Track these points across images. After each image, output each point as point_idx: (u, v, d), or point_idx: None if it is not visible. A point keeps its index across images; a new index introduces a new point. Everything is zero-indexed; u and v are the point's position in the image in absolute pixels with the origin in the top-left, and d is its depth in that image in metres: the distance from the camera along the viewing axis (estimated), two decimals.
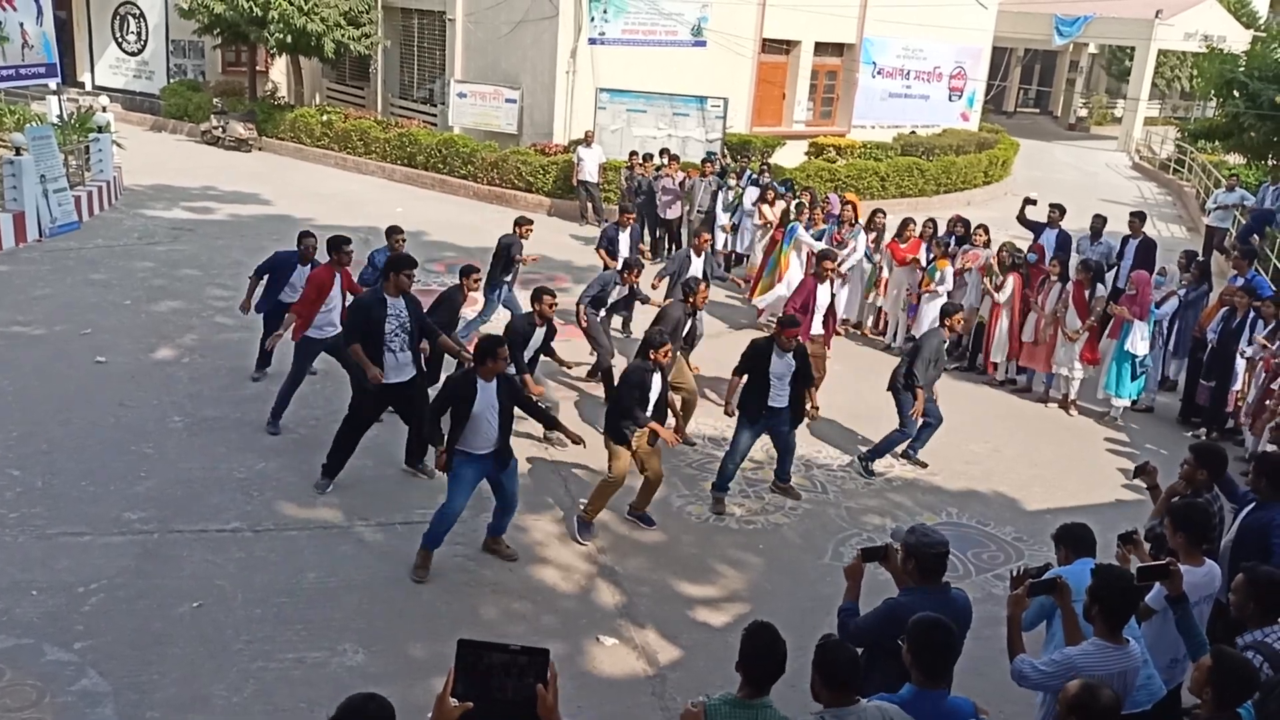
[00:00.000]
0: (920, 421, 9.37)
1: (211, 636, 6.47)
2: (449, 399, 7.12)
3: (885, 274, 13.00)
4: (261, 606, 6.81)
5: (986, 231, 12.48)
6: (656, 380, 7.82)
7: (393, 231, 10.46)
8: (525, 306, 9.53)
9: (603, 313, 10.74)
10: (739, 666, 3.96)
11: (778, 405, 8.44)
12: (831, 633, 4.09)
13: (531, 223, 11.61)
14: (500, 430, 7.13)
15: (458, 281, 9.64)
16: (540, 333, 8.80)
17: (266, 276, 10.03)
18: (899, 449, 9.67)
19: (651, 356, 7.75)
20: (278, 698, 5.98)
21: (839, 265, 13.10)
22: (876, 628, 4.67)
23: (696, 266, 11.39)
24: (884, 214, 13.69)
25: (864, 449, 9.72)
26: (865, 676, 4.73)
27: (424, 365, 8.60)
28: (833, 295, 10.59)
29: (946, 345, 9.50)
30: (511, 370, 7.82)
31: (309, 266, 9.86)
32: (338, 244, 9.24)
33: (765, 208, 14.57)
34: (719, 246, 15.87)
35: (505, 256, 11.04)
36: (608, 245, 12.20)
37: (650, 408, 7.80)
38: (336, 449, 8.37)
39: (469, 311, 10.53)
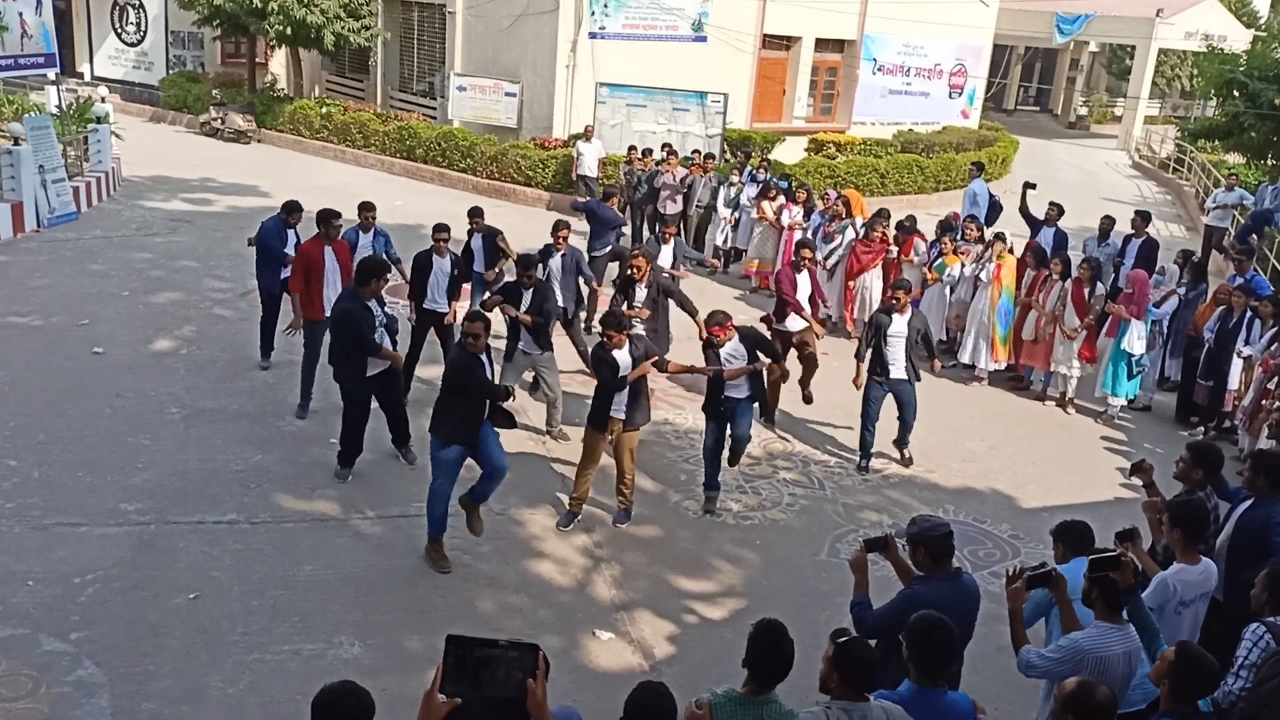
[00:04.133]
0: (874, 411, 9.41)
1: (208, 628, 6.47)
2: (462, 381, 7.05)
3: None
4: (258, 598, 6.82)
5: (980, 228, 12.47)
6: (624, 359, 7.72)
7: (363, 208, 10.43)
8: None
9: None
10: (746, 664, 3.96)
11: (736, 395, 8.31)
12: (845, 628, 4.08)
13: (481, 213, 11.17)
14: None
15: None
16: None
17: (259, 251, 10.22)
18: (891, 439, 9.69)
19: (606, 342, 7.74)
20: (274, 690, 5.99)
21: (826, 259, 13.11)
22: (896, 619, 4.68)
23: (665, 255, 11.43)
24: (889, 214, 13.60)
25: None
26: (881, 668, 4.76)
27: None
28: (813, 283, 10.48)
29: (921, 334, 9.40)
30: None
31: (319, 218, 9.97)
32: (326, 218, 9.29)
33: (766, 204, 14.56)
34: (719, 243, 15.90)
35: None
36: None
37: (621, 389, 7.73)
38: (346, 438, 8.44)
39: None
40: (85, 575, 6.88)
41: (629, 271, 9.63)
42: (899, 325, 9.16)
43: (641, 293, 9.55)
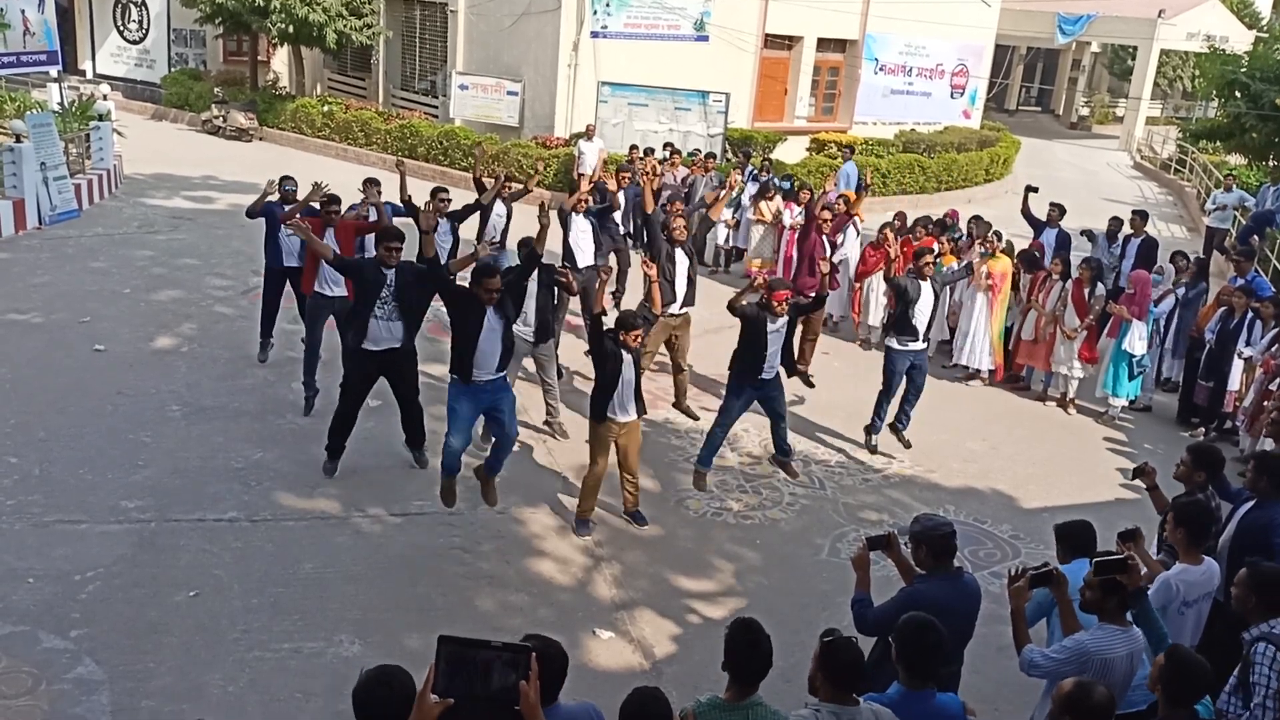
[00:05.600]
0: (902, 386, 9.40)
1: (208, 626, 6.47)
2: (458, 317, 7.42)
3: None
4: (258, 596, 6.82)
5: (982, 228, 12.47)
6: (629, 363, 7.69)
7: (368, 183, 10.50)
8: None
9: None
10: (725, 667, 3.95)
11: (768, 377, 8.38)
12: (835, 628, 4.07)
13: (446, 191, 11.23)
14: (501, 357, 7.41)
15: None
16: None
17: (264, 224, 10.19)
18: (888, 420, 9.73)
19: (622, 338, 7.64)
20: (273, 688, 5.98)
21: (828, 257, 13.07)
22: (896, 617, 4.68)
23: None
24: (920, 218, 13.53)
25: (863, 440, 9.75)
26: (880, 666, 4.75)
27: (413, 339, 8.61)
28: (832, 247, 10.47)
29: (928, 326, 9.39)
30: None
31: (320, 204, 10.00)
32: (323, 203, 9.42)
33: (764, 205, 14.54)
34: (720, 242, 15.88)
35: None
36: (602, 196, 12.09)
37: (622, 385, 7.68)
38: (335, 427, 8.38)
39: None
40: (85, 573, 6.88)
41: (671, 232, 9.79)
42: (927, 294, 9.29)
43: (683, 257, 9.77)
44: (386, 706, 3.24)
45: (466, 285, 7.59)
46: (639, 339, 7.72)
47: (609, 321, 7.75)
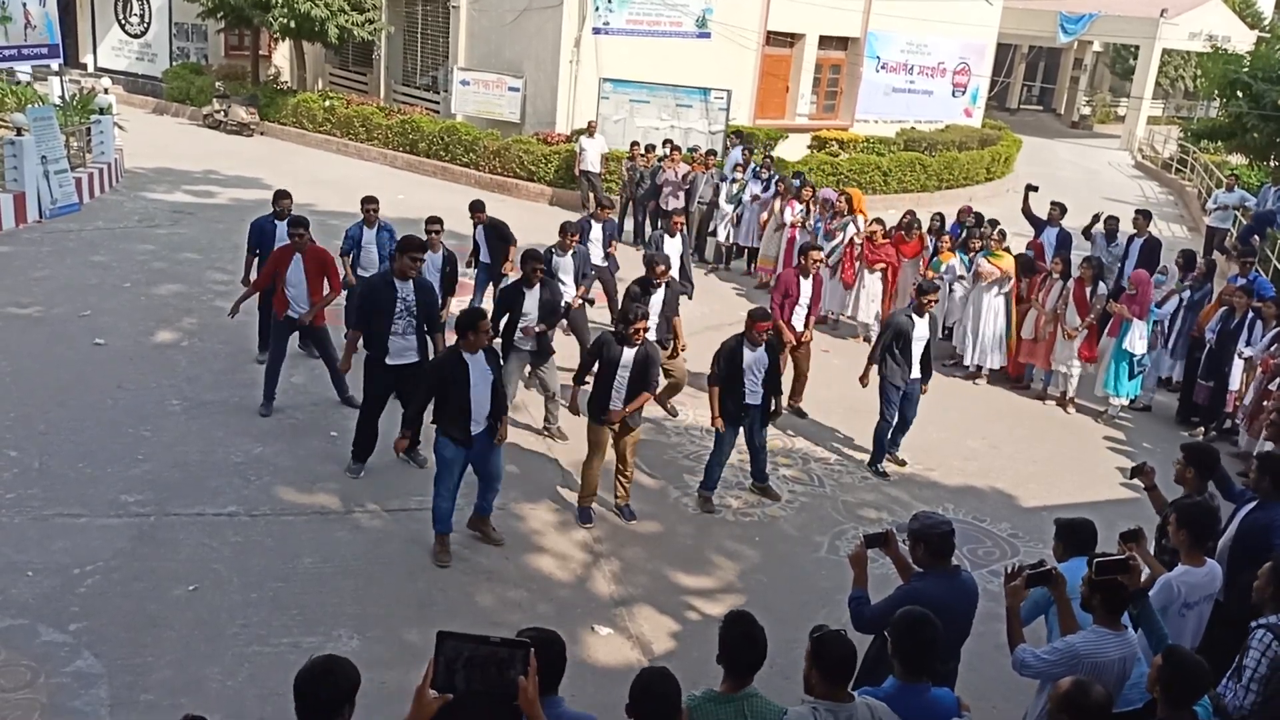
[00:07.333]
0: (894, 412, 9.35)
1: (207, 620, 6.48)
2: (438, 384, 7.08)
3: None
4: (257, 591, 6.82)
5: (990, 226, 12.46)
6: (628, 355, 7.68)
7: (366, 201, 10.46)
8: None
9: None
10: (720, 660, 3.97)
11: (753, 403, 8.34)
12: (824, 624, 4.07)
13: (483, 206, 11.43)
14: (493, 403, 7.17)
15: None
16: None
17: (258, 251, 10.16)
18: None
19: (628, 332, 7.64)
20: (272, 682, 5.97)
21: (828, 256, 13.07)
22: (893, 614, 4.68)
23: (673, 248, 11.63)
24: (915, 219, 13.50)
25: (863, 450, 9.73)
26: (879, 662, 4.75)
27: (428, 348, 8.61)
28: (814, 289, 10.44)
29: (915, 329, 9.28)
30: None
31: (287, 223, 10.02)
32: (292, 224, 9.35)
33: (777, 203, 14.51)
34: (721, 239, 15.88)
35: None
36: (578, 233, 11.83)
37: (615, 382, 7.68)
38: (359, 432, 8.43)
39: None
40: (85, 566, 6.88)
41: (650, 275, 9.61)
42: (922, 329, 9.20)
43: (660, 293, 9.55)
44: (330, 700, 3.18)
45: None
46: (638, 333, 7.70)
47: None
